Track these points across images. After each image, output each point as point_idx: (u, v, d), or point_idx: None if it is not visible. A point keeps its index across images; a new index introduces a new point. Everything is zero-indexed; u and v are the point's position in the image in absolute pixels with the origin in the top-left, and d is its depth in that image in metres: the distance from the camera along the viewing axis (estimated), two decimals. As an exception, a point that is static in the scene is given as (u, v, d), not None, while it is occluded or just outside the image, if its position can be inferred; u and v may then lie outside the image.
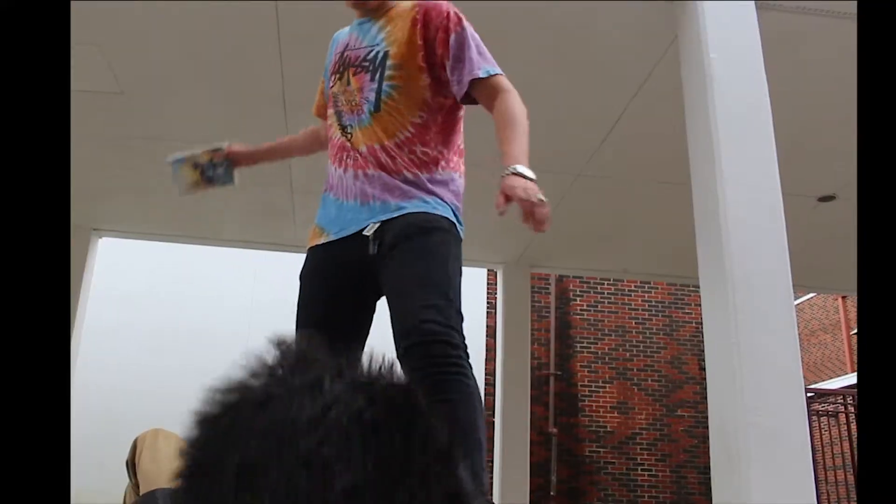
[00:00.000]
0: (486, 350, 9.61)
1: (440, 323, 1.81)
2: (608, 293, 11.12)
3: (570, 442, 10.37)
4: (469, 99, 2.14)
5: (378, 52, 2.15)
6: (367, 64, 2.15)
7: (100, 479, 7.79)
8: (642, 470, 10.36)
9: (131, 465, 2.12)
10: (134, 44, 3.95)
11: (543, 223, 1.84)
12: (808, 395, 10.14)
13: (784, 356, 2.64)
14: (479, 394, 1.84)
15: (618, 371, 10.80)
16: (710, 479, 2.83)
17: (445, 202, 2.07)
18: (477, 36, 2.17)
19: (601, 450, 10.40)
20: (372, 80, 2.13)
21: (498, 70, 2.15)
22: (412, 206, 2.01)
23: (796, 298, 6.32)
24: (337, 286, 2.09)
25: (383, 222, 2.00)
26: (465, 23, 2.15)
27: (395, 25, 2.16)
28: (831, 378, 15.65)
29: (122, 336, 8.63)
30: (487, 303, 9.80)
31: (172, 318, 8.92)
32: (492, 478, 6.69)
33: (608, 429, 10.50)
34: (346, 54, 2.25)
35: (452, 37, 2.10)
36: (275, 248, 7.01)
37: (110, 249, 7.28)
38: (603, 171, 5.10)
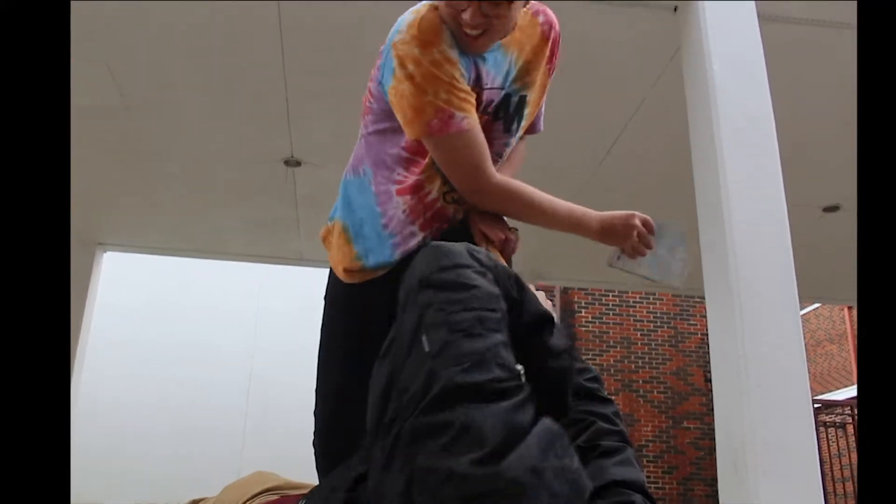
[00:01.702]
0: (492, 362, 9.57)
1: None
2: (613, 305, 11.11)
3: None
4: None
5: (513, 98, 1.77)
6: (499, 111, 1.75)
7: (104, 490, 7.79)
8: (649, 483, 10.27)
9: None
10: (139, 60, 3.96)
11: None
12: (815, 406, 10.10)
13: (790, 367, 2.63)
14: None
15: (623, 383, 10.78)
16: (717, 491, 2.81)
17: None
18: None
19: (607, 462, 10.35)
20: (507, 131, 1.79)
21: None
22: None
23: (802, 309, 6.30)
24: (369, 325, 1.62)
25: None
26: None
27: (530, 66, 1.79)
28: (838, 389, 15.60)
29: (128, 349, 8.65)
30: (492, 315, 9.78)
31: (178, 331, 8.92)
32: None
33: (614, 441, 10.46)
34: (477, 91, 1.69)
35: (550, 77, 1.91)
36: (280, 261, 7.02)
37: (115, 263, 7.30)
38: (607, 181, 5.10)
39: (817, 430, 8.93)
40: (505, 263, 1.51)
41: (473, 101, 1.63)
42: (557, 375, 1.31)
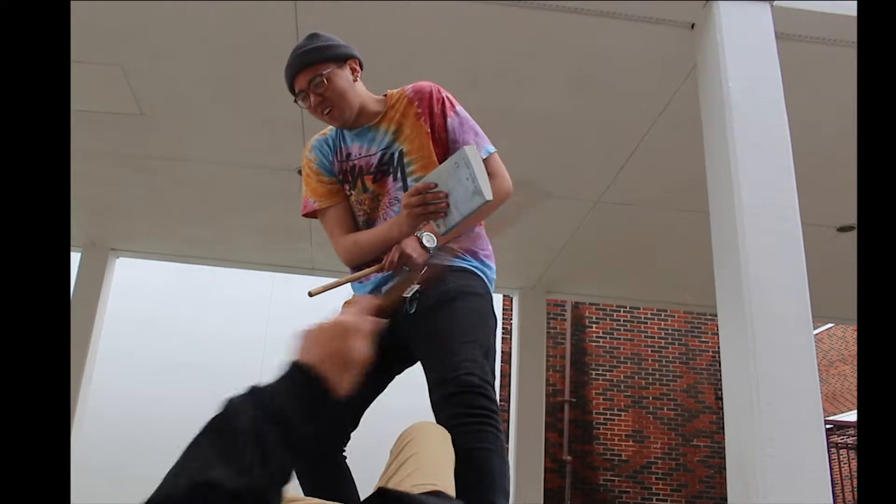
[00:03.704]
0: (501, 376, 9.55)
1: (479, 376, 1.93)
2: (624, 320, 11.06)
3: (585, 470, 10.28)
4: None
5: (393, 153, 2.25)
6: (385, 167, 2.25)
7: (110, 497, 7.78)
8: (657, 500, 10.23)
9: None
10: (155, 66, 3.99)
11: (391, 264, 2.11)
12: (827, 426, 10.02)
13: (803, 387, 2.61)
14: (504, 445, 1.97)
15: (633, 399, 10.72)
16: (726, 511, 2.79)
17: (479, 259, 2.23)
18: (467, 114, 2.30)
19: (616, 478, 10.30)
20: (395, 179, 2.24)
21: (493, 148, 2.27)
22: (446, 259, 2.15)
23: (815, 329, 6.26)
24: None
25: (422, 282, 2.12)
26: (458, 105, 2.30)
27: (400, 125, 2.26)
28: (850, 410, 15.46)
29: (136, 355, 8.66)
30: (503, 328, 9.77)
31: (188, 337, 8.93)
32: (505, 505, 6.63)
33: (623, 457, 10.41)
34: (352, 164, 2.31)
35: (449, 121, 2.24)
36: (291, 270, 7.03)
37: (127, 269, 7.31)
38: (621, 198, 5.09)
39: (829, 451, 8.85)
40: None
41: (330, 188, 2.32)
42: None
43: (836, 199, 4.75)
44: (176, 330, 8.97)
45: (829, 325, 16.54)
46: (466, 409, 1.88)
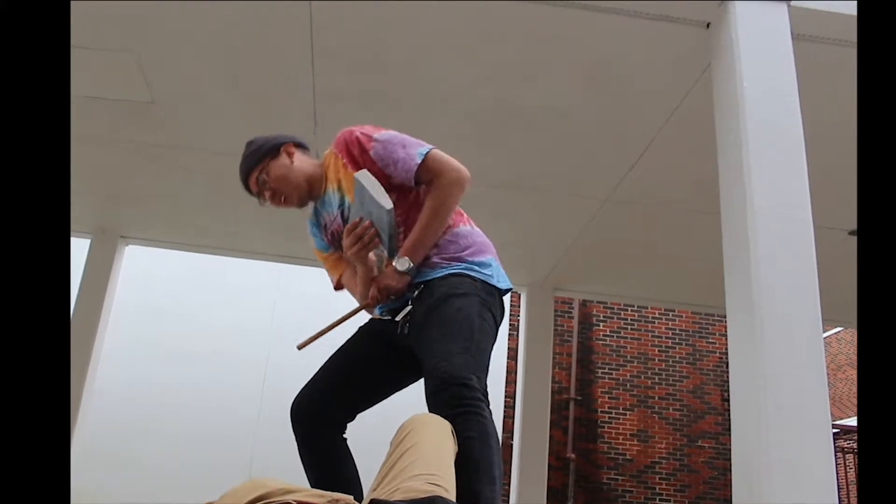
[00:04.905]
0: (507, 372, 9.57)
1: (457, 368, 2.01)
2: (631, 319, 11.05)
3: (589, 468, 10.27)
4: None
5: (348, 207, 2.36)
6: (348, 222, 2.35)
7: (109, 488, 7.82)
8: (661, 500, 10.23)
9: None
10: (167, 54, 3.99)
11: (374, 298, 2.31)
12: (834, 431, 9.98)
13: (811, 390, 2.59)
14: (495, 433, 2.02)
15: (639, 398, 10.71)
16: (730, 513, 2.78)
17: (464, 262, 2.29)
18: (392, 133, 2.36)
19: (619, 477, 10.29)
20: (347, 221, 2.37)
21: (426, 148, 2.30)
22: (433, 273, 2.26)
23: (823, 332, 6.24)
24: (375, 351, 2.38)
25: (414, 302, 2.25)
26: (376, 133, 2.35)
27: (339, 181, 2.38)
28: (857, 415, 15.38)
29: (144, 343, 8.69)
30: (510, 325, 9.77)
31: (195, 326, 8.96)
32: (508, 502, 6.64)
33: (627, 456, 10.40)
34: (330, 232, 2.48)
35: (372, 154, 2.31)
36: (299, 261, 7.03)
37: (136, 257, 7.33)
38: (631, 196, 5.07)
39: (835, 455, 8.82)
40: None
41: (333, 261, 2.53)
42: None
43: (848, 202, 4.72)
44: (183, 319, 9.00)
45: (838, 329, 16.49)
46: (446, 403, 1.95)
